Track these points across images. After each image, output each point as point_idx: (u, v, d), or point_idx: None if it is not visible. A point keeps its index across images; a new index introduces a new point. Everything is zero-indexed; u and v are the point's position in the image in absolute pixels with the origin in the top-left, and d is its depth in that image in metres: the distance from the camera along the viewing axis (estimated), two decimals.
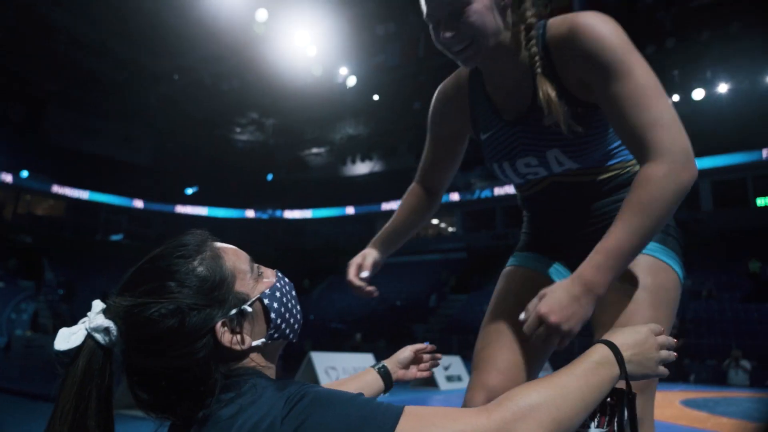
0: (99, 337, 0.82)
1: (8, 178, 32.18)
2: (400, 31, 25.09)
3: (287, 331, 0.95)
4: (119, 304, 0.84)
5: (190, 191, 38.62)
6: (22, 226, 32.96)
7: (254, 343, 0.89)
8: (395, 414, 0.76)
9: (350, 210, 34.89)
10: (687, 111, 24.10)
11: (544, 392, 0.82)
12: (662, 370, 1.02)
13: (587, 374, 0.88)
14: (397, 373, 1.34)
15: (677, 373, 15.29)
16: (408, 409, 0.78)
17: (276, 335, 0.93)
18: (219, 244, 0.97)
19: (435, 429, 0.75)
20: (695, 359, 16.09)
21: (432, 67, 28.72)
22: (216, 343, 0.84)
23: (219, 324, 0.84)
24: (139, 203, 36.32)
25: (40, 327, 25.46)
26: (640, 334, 0.99)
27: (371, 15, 24.05)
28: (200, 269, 0.87)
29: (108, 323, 0.83)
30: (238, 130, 38.02)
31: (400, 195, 1.76)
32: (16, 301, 26.48)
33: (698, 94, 23.47)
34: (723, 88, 23.45)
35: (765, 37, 20.92)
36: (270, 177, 39.82)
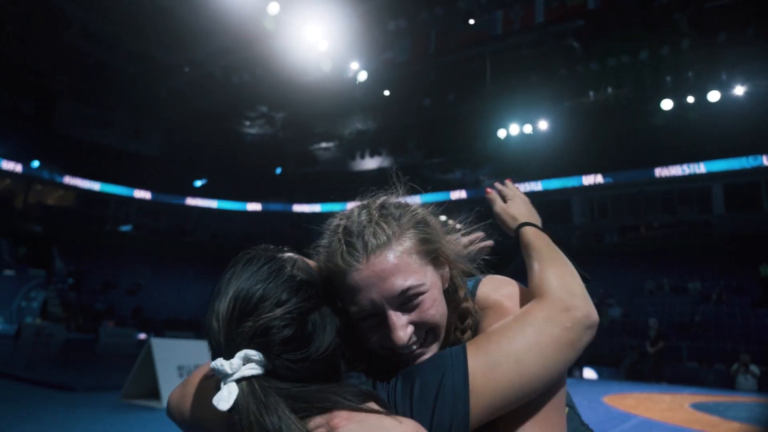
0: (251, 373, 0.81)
1: (18, 168, 32.46)
2: (410, 28, 25.01)
3: None
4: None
5: (199, 183, 38.78)
6: (32, 215, 33.24)
7: None
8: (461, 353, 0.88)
9: None
10: (701, 113, 23.86)
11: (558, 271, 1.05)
12: None
13: (552, 249, 1.12)
14: None
15: (684, 376, 15.19)
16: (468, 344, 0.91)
17: None
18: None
19: (504, 340, 0.90)
20: (703, 363, 15.96)
21: (442, 64, 28.64)
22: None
23: None
24: (147, 195, 36.53)
25: (49, 315, 25.72)
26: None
27: (382, 11, 23.98)
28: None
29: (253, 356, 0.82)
30: (247, 123, 38.11)
31: (407, 191, 1.72)
32: (26, 289, 26.71)
33: (713, 96, 23.21)
34: (738, 90, 23.15)
35: None
36: (279, 171, 39.89)
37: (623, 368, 16.31)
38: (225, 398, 0.79)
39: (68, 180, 34.49)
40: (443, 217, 1.11)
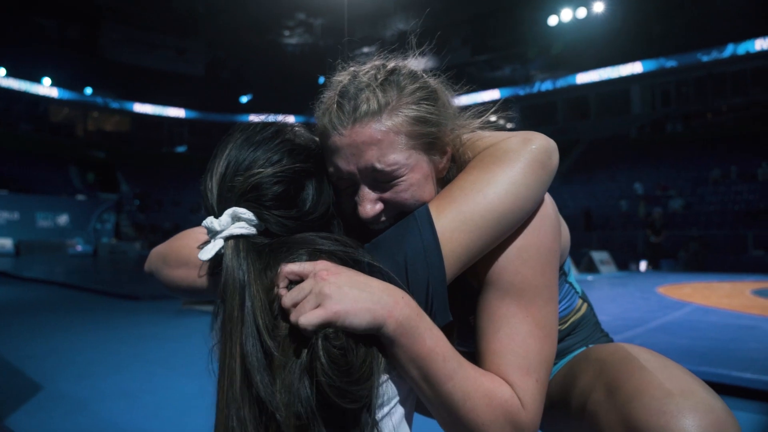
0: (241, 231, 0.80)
1: (74, 96, 33.53)
2: None
3: None
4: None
5: (245, 99, 38.96)
6: (95, 142, 34.76)
7: None
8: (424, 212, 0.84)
9: None
10: None
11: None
12: None
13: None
14: None
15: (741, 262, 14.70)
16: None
17: None
18: None
19: (469, 180, 0.85)
20: None
21: None
22: None
23: None
24: (197, 115, 37.16)
25: (122, 235, 27.65)
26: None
27: None
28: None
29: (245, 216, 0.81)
30: (287, 33, 37.26)
31: (456, 91, 1.56)
32: (99, 212, 28.55)
33: None
34: None
35: None
36: (322, 80, 39.33)
37: (681, 259, 15.92)
38: (208, 250, 0.79)
39: (121, 104, 35.45)
40: (493, 118, 1.00)
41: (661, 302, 6.74)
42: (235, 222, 0.79)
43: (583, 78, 27.60)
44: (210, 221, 0.79)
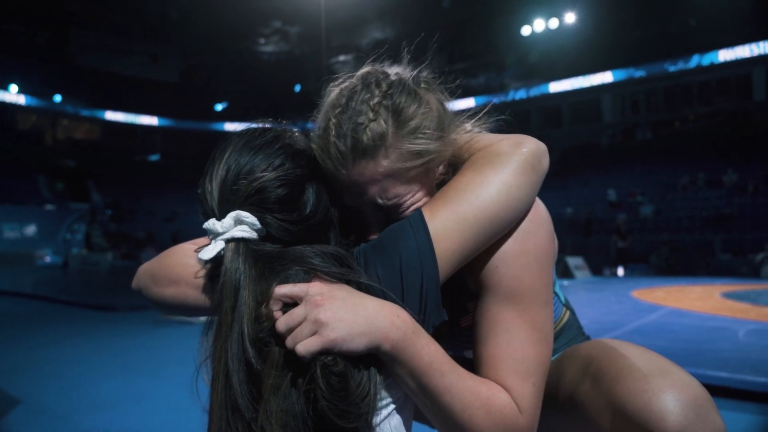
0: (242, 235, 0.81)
1: (42, 103, 32.74)
2: None
3: None
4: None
5: (219, 107, 38.60)
6: (64, 150, 33.94)
7: None
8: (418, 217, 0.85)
9: None
10: None
11: None
12: None
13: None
14: None
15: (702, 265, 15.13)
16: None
17: None
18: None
19: (463, 182, 0.87)
20: (738, 255, 15.80)
21: None
22: None
23: None
24: (170, 122, 36.63)
25: (94, 246, 26.99)
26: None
27: None
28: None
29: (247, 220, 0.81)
30: (262, 41, 37.10)
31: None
32: (69, 222, 27.83)
33: None
34: None
35: None
36: (298, 88, 39.23)
37: (653, 264, 16.31)
38: (209, 250, 0.80)
39: (92, 112, 34.74)
40: (468, 126, 1.03)
41: (636, 306, 6.90)
42: (238, 225, 0.80)
43: (556, 87, 28.15)
44: (212, 223, 0.80)
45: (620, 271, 14.92)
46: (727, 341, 4.16)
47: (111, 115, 35.42)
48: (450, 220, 0.84)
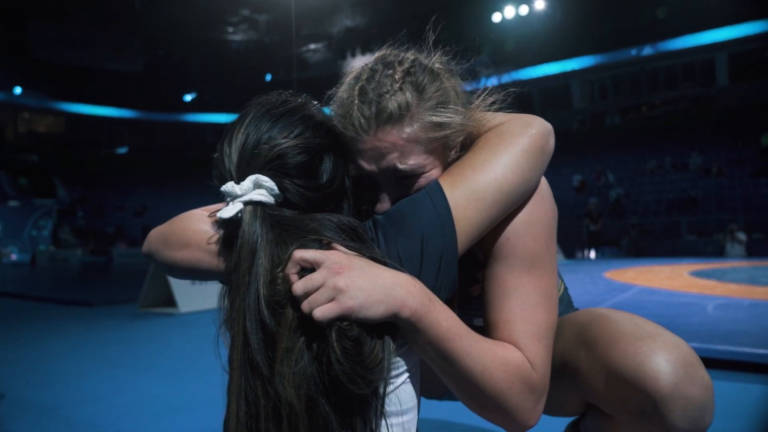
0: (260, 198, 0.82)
1: (1, 96, 31.56)
2: None
3: None
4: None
5: (188, 98, 37.83)
6: (26, 145, 32.84)
7: None
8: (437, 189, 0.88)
9: None
10: None
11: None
12: None
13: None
14: None
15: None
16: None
17: None
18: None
19: (477, 159, 0.92)
20: (703, 236, 16.32)
21: None
22: None
23: None
24: (138, 114, 35.76)
25: (61, 242, 26.30)
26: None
27: None
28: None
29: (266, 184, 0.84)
30: (230, 30, 36.39)
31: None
32: (34, 218, 27.07)
33: None
34: None
35: None
36: (269, 78, 38.65)
37: (623, 246, 16.74)
38: (228, 210, 0.81)
39: (54, 105, 33.65)
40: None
41: (609, 286, 7.09)
42: (256, 188, 0.82)
43: (527, 73, 28.43)
44: (231, 186, 0.82)
45: (592, 254, 15.27)
46: (697, 315, 4.33)
47: (74, 108, 34.38)
48: (467, 196, 0.88)
